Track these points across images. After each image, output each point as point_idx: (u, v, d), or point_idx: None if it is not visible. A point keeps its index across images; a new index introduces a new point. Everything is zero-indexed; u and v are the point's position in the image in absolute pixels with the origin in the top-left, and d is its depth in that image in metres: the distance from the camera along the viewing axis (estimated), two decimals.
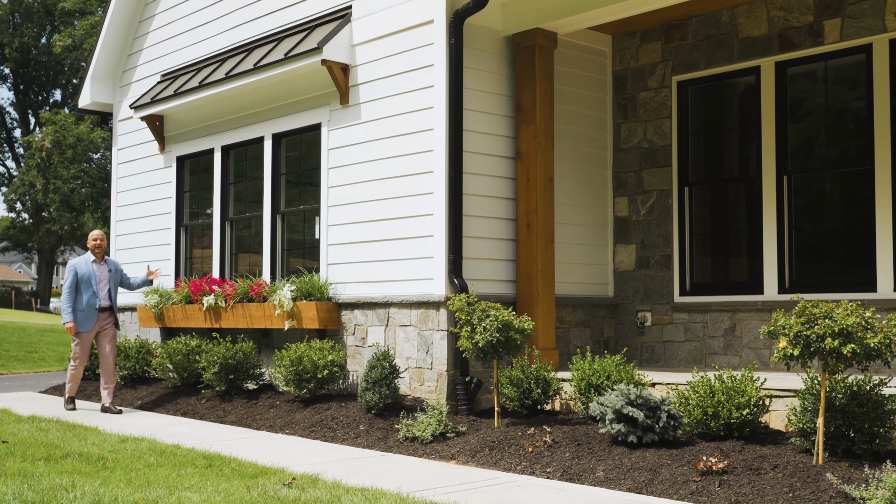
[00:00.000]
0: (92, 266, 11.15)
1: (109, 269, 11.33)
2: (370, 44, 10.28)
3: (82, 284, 11.07)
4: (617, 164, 11.09)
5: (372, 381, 9.02)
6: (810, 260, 9.79)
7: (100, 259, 11.26)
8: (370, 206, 10.17)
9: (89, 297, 11.07)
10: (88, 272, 11.10)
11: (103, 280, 11.20)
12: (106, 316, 11.23)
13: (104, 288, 11.18)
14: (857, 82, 9.43)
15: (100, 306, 11.12)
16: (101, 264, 11.25)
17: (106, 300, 11.20)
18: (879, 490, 5.34)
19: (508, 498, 6.20)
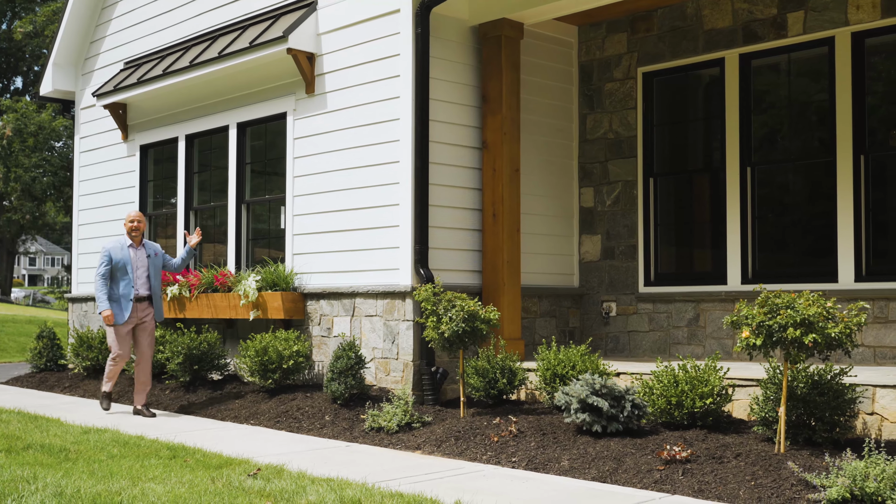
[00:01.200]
0: (128, 251, 9.90)
1: (148, 254, 10.01)
2: (336, 32, 10.23)
3: (117, 272, 9.82)
4: (583, 154, 11.12)
5: (338, 372, 9.00)
6: (773, 251, 9.88)
7: (137, 243, 10.00)
8: (336, 196, 10.13)
9: (125, 285, 9.81)
10: (124, 258, 9.83)
11: (140, 266, 9.92)
12: (144, 307, 9.95)
13: (142, 275, 9.91)
14: (820, 75, 9.52)
15: (136, 296, 9.86)
16: (138, 249, 9.98)
17: (144, 289, 9.94)
18: (839, 478, 5.41)
19: (474, 487, 6.22)
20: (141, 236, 10.05)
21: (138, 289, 9.88)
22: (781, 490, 5.71)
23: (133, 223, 10.00)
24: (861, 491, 5.33)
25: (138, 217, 10.05)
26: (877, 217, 9.12)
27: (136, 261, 9.92)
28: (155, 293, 10.05)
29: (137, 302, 9.87)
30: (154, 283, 10.02)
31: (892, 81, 9.15)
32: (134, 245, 9.98)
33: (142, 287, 9.92)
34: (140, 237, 10.04)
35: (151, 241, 12.23)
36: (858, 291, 8.85)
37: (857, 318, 6.20)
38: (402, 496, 5.74)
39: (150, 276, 9.99)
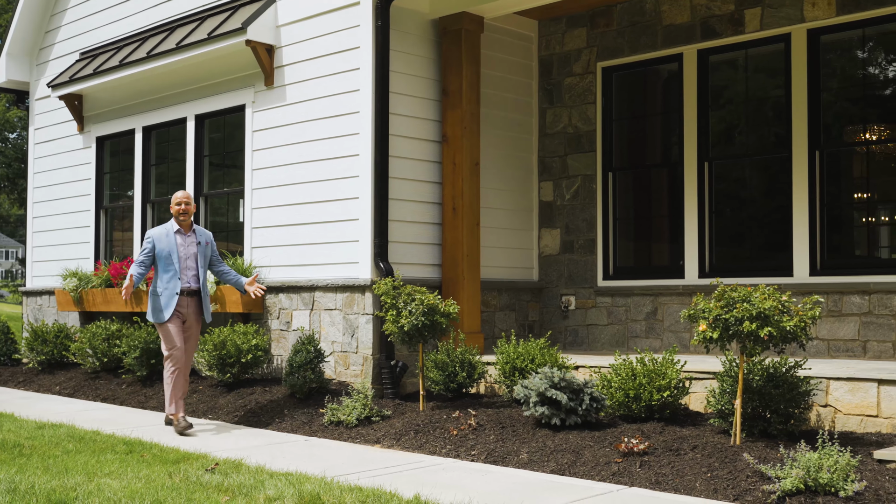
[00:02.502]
0: (174, 238, 8.57)
1: (198, 241, 8.68)
2: (296, 24, 10.16)
3: (161, 261, 8.53)
4: (542, 149, 11.16)
5: (297, 366, 8.97)
6: (730, 245, 9.98)
7: (186, 229, 8.65)
8: (295, 189, 10.08)
9: (170, 277, 8.51)
10: (169, 246, 8.52)
11: (189, 256, 8.60)
12: (191, 303, 8.62)
13: (190, 266, 8.61)
14: (777, 71, 9.62)
15: (183, 289, 8.53)
16: (186, 236, 8.63)
17: (193, 281, 8.61)
18: (794, 469, 5.48)
19: (433, 481, 6.22)
20: (191, 221, 8.71)
21: (185, 281, 8.56)
22: (737, 481, 5.77)
23: (181, 206, 8.62)
24: (815, 482, 5.40)
25: (186, 198, 8.66)
26: (831, 212, 9.24)
27: (185, 249, 8.59)
28: (204, 288, 8.70)
29: (186, 296, 8.56)
30: (203, 277, 8.68)
31: (846, 78, 9.28)
32: (182, 231, 8.63)
33: (190, 279, 8.60)
34: (189, 222, 8.68)
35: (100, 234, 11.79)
36: (813, 285, 8.97)
37: (812, 312, 6.29)
38: (361, 490, 5.73)
39: (199, 267, 8.64)
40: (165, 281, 8.53)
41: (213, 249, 8.80)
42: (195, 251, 8.64)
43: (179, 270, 8.53)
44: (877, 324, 8.70)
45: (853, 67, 9.25)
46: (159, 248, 8.55)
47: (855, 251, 9.29)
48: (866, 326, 8.76)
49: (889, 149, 9.14)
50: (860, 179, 9.24)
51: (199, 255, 8.63)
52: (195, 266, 8.63)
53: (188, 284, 8.58)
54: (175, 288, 8.50)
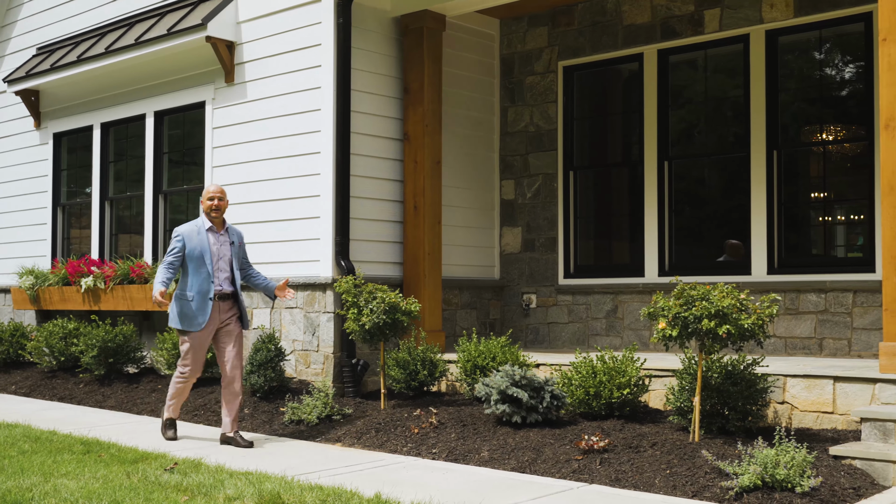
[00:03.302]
0: (206, 236, 7.74)
1: (231, 241, 7.87)
2: (257, 21, 10.10)
3: (192, 262, 7.66)
4: (504, 147, 11.18)
5: (257, 364, 8.92)
6: (690, 243, 10.07)
7: (218, 227, 7.83)
8: (256, 187, 10.02)
9: (202, 280, 7.66)
10: (201, 245, 7.69)
11: (223, 257, 7.78)
12: (227, 307, 7.80)
13: (224, 267, 7.79)
14: (736, 71, 9.71)
15: (217, 293, 7.72)
16: (219, 234, 7.82)
17: (227, 284, 7.78)
18: (751, 466, 5.54)
19: (394, 479, 6.22)
20: (223, 218, 7.92)
21: (219, 284, 7.73)
22: (696, 478, 5.82)
23: (213, 200, 7.79)
24: (772, 478, 5.47)
25: (219, 192, 7.86)
26: (789, 211, 9.35)
27: (218, 249, 7.78)
28: (239, 290, 7.88)
29: (219, 301, 7.75)
30: (237, 278, 7.88)
31: (804, 79, 9.39)
32: (214, 229, 7.81)
33: (224, 282, 7.77)
34: (222, 219, 7.89)
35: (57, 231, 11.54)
36: (771, 283, 9.07)
37: (770, 310, 6.36)
38: (321, 489, 5.71)
39: (233, 269, 7.84)
40: (196, 284, 7.65)
41: (244, 250, 8.09)
42: (228, 252, 7.83)
43: (213, 272, 7.70)
44: (833, 322, 8.81)
45: (810, 68, 9.36)
46: (190, 247, 7.68)
47: (812, 250, 9.41)
48: (823, 324, 8.87)
49: (845, 149, 9.26)
50: (817, 179, 9.36)
51: (234, 257, 7.84)
52: (228, 268, 7.81)
53: (221, 287, 7.74)
54: (208, 291, 7.65)
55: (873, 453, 5.99)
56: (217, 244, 7.77)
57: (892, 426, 6.23)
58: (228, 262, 7.82)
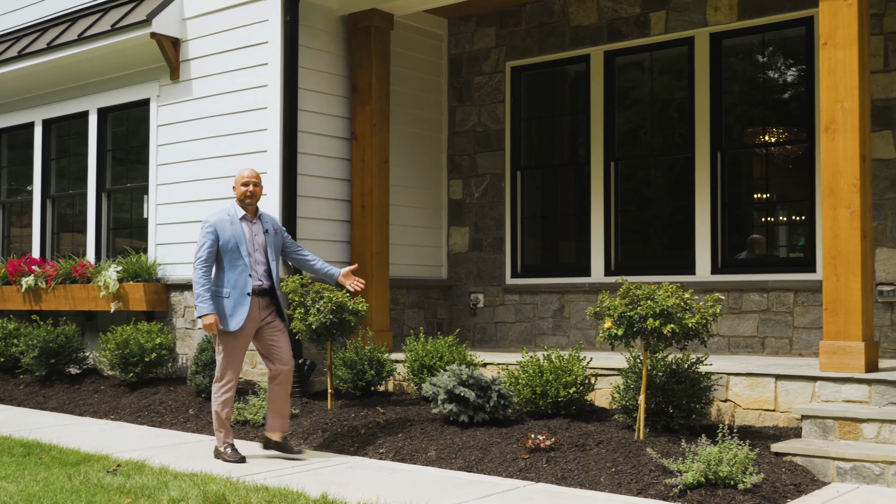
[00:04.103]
0: (240, 225, 7.01)
1: (266, 229, 7.14)
2: (203, 18, 10.00)
3: (226, 255, 6.94)
4: (452, 147, 11.19)
5: (202, 364, 8.83)
6: (635, 243, 10.16)
7: (252, 215, 7.11)
8: (202, 185, 9.92)
9: (238, 273, 6.94)
10: (235, 235, 6.96)
11: (258, 247, 7.07)
12: (266, 303, 7.09)
13: (260, 259, 7.06)
14: (681, 73, 9.82)
15: (255, 288, 6.99)
16: (253, 223, 7.10)
17: (265, 278, 7.07)
18: (695, 463, 5.61)
19: (341, 479, 6.20)
20: (257, 206, 7.20)
21: (257, 278, 7.01)
22: (640, 476, 5.87)
23: (248, 186, 7.06)
24: (715, 475, 5.54)
25: (254, 177, 7.11)
26: (732, 212, 9.48)
27: (253, 239, 7.06)
28: (277, 284, 7.18)
29: (257, 296, 7.02)
30: (276, 272, 7.15)
31: (747, 81, 9.52)
32: (248, 217, 7.09)
33: (262, 276, 7.05)
34: (256, 207, 7.16)
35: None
36: (714, 283, 9.19)
37: (713, 309, 6.43)
38: (267, 490, 5.67)
39: (270, 260, 7.11)
40: (232, 279, 6.93)
41: (284, 235, 7.32)
42: (263, 241, 7.10)
43: (250, 265, 6.96)
44: (775, 321, 8.95)
45: (754, 71, 9.50)
46: (224, 238, 6.94)
47: (755, 250, 9.54)
48: (765, 323, 9.01)
49: (787, 151, 9.41)
50: (760, 180, 9.50)
51: (269, 247, 7.10)
52: (265, 259, 7.08)
53: (260, 282, 7.01)
54: (245, 287, 6.91)
55: (813, 450, 6.10)
56: (252, 234, 7.05)
57: (832, 423, 6.34)
58: (264, 252, 7.08)
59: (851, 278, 6.75)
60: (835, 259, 6.81)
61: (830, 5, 6.92)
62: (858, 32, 6.84)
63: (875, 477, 5.83)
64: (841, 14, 6.88)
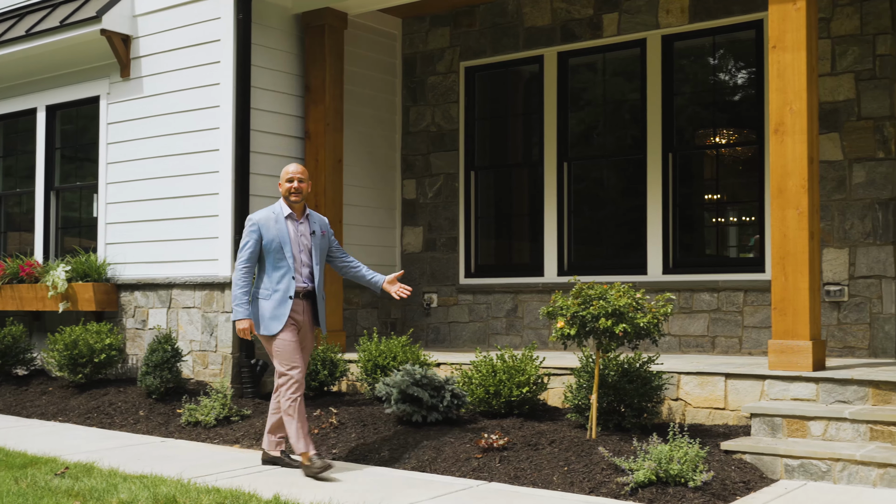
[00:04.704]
0: (285, 224, 6.64)
1: (312, 230, 6.75)
2: (154, 15, 9.90)
3: (270, 256, 6.59)
4: (405, 147, 11.18)
5: (153, 365, 8.74)
6: (588, 244, 10.23)
7: (298, 214, 6.72)
8: (153, 184, 9.82)
9: (282, 275, 6.59)
10: (280, 235, 6.60)
11: (303, 248, 6.68)
12: (308, 306, 6.74)
13: (305, 262, 6.67)
14: (633, 75, 9.90)
15: (298, 290, 6.62)
16: (299, 222, 6.71)
17: (308, 280, 6.69)
18: (646, 461, 5.65)
19: (293, 480, 6.17)
20: (304, 204, 6.82)
21: (301, 280, 6.64)
22: (592, 474, 5.91)
23: (293, 182, 6.66)
24: (666, 473, 5.59)
25: (300, 172, 6.72)
26: (683, 212, 9.58)
27: (299, 239, 6.68)
28: (319, 290, 6.77)
29: (300, 299, 6.66)
30: (319, 276, 6.75)
31: (698, 83, 9.63)
32: (294, 216, 6.71)
33: (306, 278, 6.68)
34: (303, 205, 6.78)
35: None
36: (666, 283, 9.27)
37: (664, 309, 6.50)
38: (219, 491, 5.63)
39: (315, 263, 6.71)
40: (275, 280, 6.58)
41: (331, 239, 6.93)
42: (309, 242, 6.72)
43: (294, 267, 6.61)
44: (725, 320, 9.06)
45: (705, 73, 9.60)
46: (267, 237, 6.58)
47: (705, 250, 9.66)
48: (715, 323, 9.11)
49: (737, 152, 9.53)
50: (711, 181, 9.60)
51: (314, 248, 6.71)
52: (310, 261, 6.70)
53: (304, 284, 6.66)
54: (288, 289, 6.56)
55: (762, 448, 6.18)
56: (297, 234, 6.66)
57: (780, 421, 6.43)
58: (310, 254, 6.69)
59: (799, 278, 6.85)
60: (783, 259, 6.91)
61: (779, 9, 7.02)
62: (806, 36, 6.95)
63: (822, 474, 5.92)
64: (790, 18, 6.98)
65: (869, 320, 8.31)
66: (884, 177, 8.29)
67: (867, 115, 8.38)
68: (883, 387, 6.42)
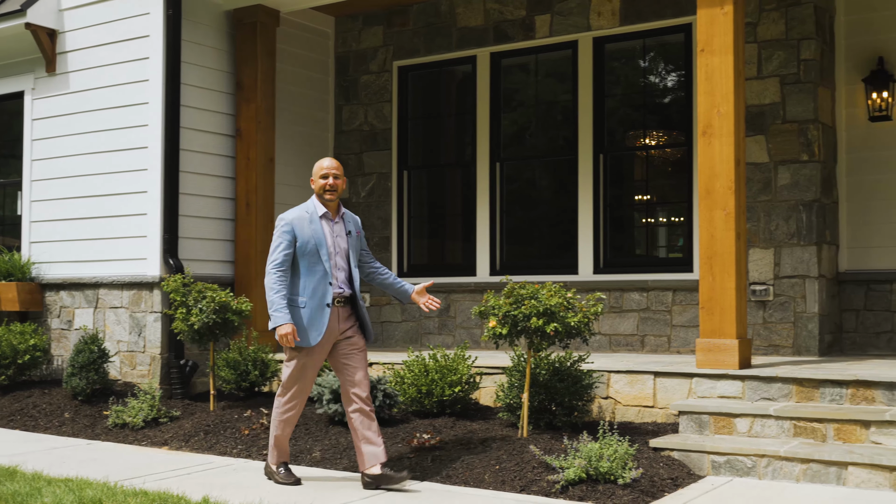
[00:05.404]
0: (320, 225, 6.08)
1: (348, 230, 6.21)
2: (81, 9, 9.71)
3: (304, 259, 6.01)
4: (338, 146, 11.13)
5: (79, 366, 8.58)
6: (520, 243, 10.29)
7: (334, 213, 6.17)
8: (80, 182, 9.63)
9: (318, 280, 6.01)
10: (315, 236, 6.03)
11: (339, 250, 6.13)
12: (346, 314, 6.14)
13: (341, 266, 6.12)
14: (565, 76, 9.98)
15: (336, 296, 6.06)
16: (335, 222, 6.16)
17: (346, 286, 6.11)
18: (577, 459, 5.71)
19: (223, 482, 6.10)
20: (339, 203, 6.28)
21: (337, 285, 6.07)
22: (524, 473, 5.95)
23: (328, 179, 6.09)
24: (596, 471, 5.65)
25: (335, 167, 6.15)
26: (614, 213, 9.68)
27: (334, 241, 6.11)
28: (358, 293, 6.21)
29: (338, 306, 6.09)
30: (357, 279, 6.21)
31: (629, 85, 9.74)
32: (329, 215, 6.14)
33: (343, 283, 6.10)
34: (338, 203, 6.22)
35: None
36: (596, 283, 9.37)
37: (595, 308, 6.56)
38: (146, 494, 5.54)
39: (351, 266, 6.17)
40: (309, 287, 5.99)
41: (363, 240, 6.39)
42: (345, 244, 6.16)
43: (331, 270, 6.02)
44: (654, 319, 9.18)
45: (635, 75, 9.72)
46: (302, 239, 6.00)
47: (635, 250, 9.78)
48: (644, 322, 9.23)
49: (667, 154, 9.67)
50: (641, 182, 9.73)
51: (352, 250, 6.18)
52: (346, 265, 6.14)
53: (341, 290, 6.07)
54: (325, 296, 5.99)
55: (690, 445, 6.28)
56: (333, 235, 6.10)
57: (707, 419, 6.54)
58: (346, 257, 6.14)
59: (726, 278, 6.97)
60: (711, 259, 7.03)
61: (708, 13, 7.14)
62: (734, 40, 7.07)
63: (748, 469, 6.04)
64: (717, 22, 7.10)
65: (793, 319, 8.50)
66: (808, 179, 8.48)
67: (792, 119, 8.56)
68: (806, 384, 6.56)
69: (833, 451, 5.87)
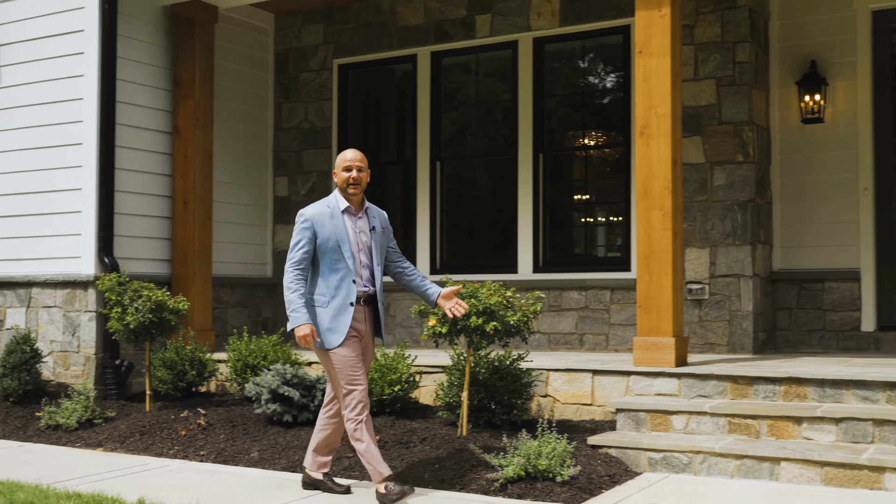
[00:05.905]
0: (342, 220, 5.73)
1: (372, 225, 5.86)
2: (15, 2, 9.51)
3: (325, 256, 5.68)
4: (278, 143, 11.05)
5: (10, 367, 8.41)
6: (461, 243, 10.31)
7: (357, 207, 5.81)
8: (12, 178, 9.44)
9: (340, 278, 5.68)
10: (337, 232, 5.69)
11: (363, 247, 5.79)
12: (370, 313, 5.83)
13: (364, 263, 5.78)
14: (506, 76, 10.02)
15: (360, 295, 5.71)
16: (358, 217, 5.81)
17: (369, 284, 5.77)
18: (515, 457, 5.73)
19: (159, 483, 6.02)
20: (363, 196, 5.91)
21: (361, 283, 5.73)
22: (463, 471, 5.96)
23: (351, 172, 5.75)
24: (534, 468, 5.68)
25: (359, 160, 5.80)
26: (553, 213, 9.75)
27: (357, 237, 5.77)
28: (380, 294, 5.86)
29: (363, 306, 5.76)
30: (381, 276, 5.86)
31: (568, 85, 9.81)
32: (352, 210, 5.80)
33: (367, 281, 5.77)
34: (362, 197, 5.87)
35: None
36: (536, 282, 9.42)
37: (534, 307, 6.60)
38: (80, 496, 5.45)
39: (374, 263, 5.81)
40: (333, 285, 5.66)
41: (390, 236, 6.03)
42: (368, 240, 5.82)
43: (355, 268, 5.70)
44: (592, 318, 9.26)
45: (575, 76, 9.80)
46: (323, 235, 5.67)
47: (574, 249, 9.85)
48: (583, 320, 9.30)
49: (605, 154, 9.76)
50: (580, 182, 9.80)
51: (375, 247, 5.82)
52: (370, 262, 5.80)
53: (365, 288, 5.75)
54: (349, 295, 5.65)
55: (627, 442, 6.35)
56: (355, 230, 5.76)
57: (644, 416, 6.61)
58: (369, 254, 5.80)
59: (663, 277, 7.06)
60: (648, 258, 7.11)
61: (646, 15, 7.22)
62: (671, 42, 7.16)
63: (684, 466, 6.12)
64: (655, 24, 7.18)
65: (728, 317, 8.63)
66: (742, 179, 8.62)
67: (727, 120, 8.69)
68: (740, 381, 6.67)
69: (766, 447, 5.98)
